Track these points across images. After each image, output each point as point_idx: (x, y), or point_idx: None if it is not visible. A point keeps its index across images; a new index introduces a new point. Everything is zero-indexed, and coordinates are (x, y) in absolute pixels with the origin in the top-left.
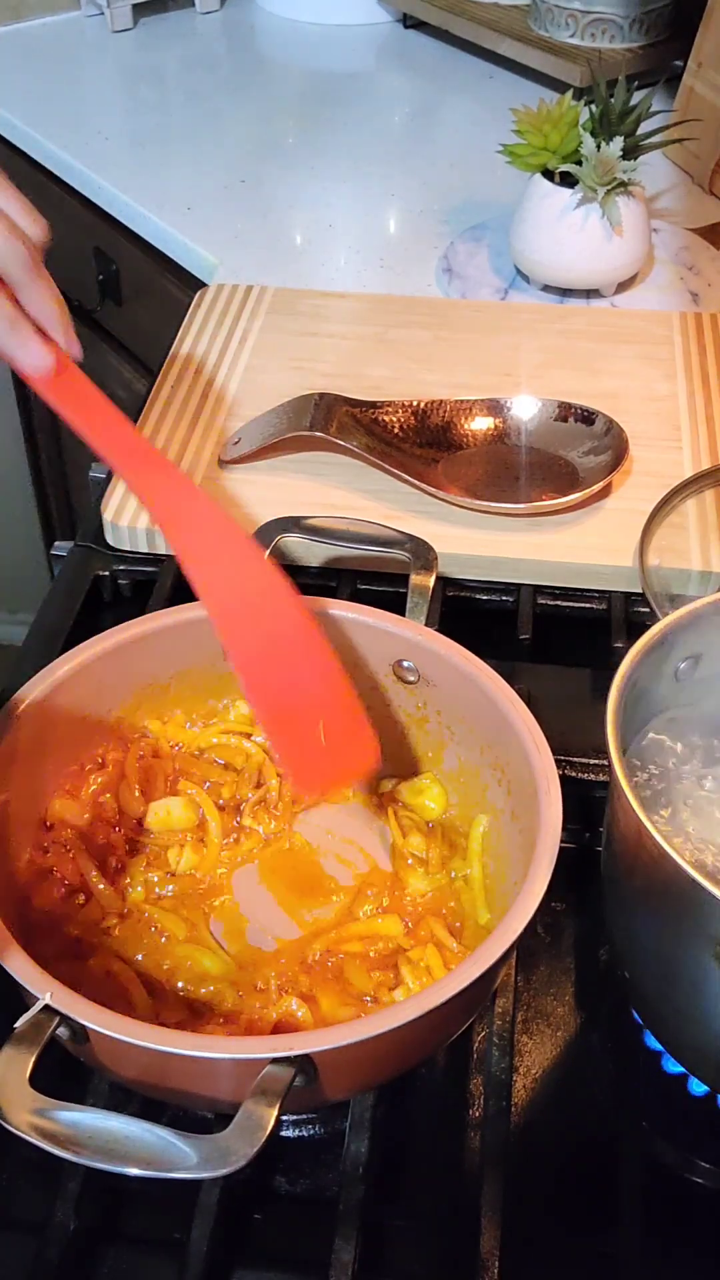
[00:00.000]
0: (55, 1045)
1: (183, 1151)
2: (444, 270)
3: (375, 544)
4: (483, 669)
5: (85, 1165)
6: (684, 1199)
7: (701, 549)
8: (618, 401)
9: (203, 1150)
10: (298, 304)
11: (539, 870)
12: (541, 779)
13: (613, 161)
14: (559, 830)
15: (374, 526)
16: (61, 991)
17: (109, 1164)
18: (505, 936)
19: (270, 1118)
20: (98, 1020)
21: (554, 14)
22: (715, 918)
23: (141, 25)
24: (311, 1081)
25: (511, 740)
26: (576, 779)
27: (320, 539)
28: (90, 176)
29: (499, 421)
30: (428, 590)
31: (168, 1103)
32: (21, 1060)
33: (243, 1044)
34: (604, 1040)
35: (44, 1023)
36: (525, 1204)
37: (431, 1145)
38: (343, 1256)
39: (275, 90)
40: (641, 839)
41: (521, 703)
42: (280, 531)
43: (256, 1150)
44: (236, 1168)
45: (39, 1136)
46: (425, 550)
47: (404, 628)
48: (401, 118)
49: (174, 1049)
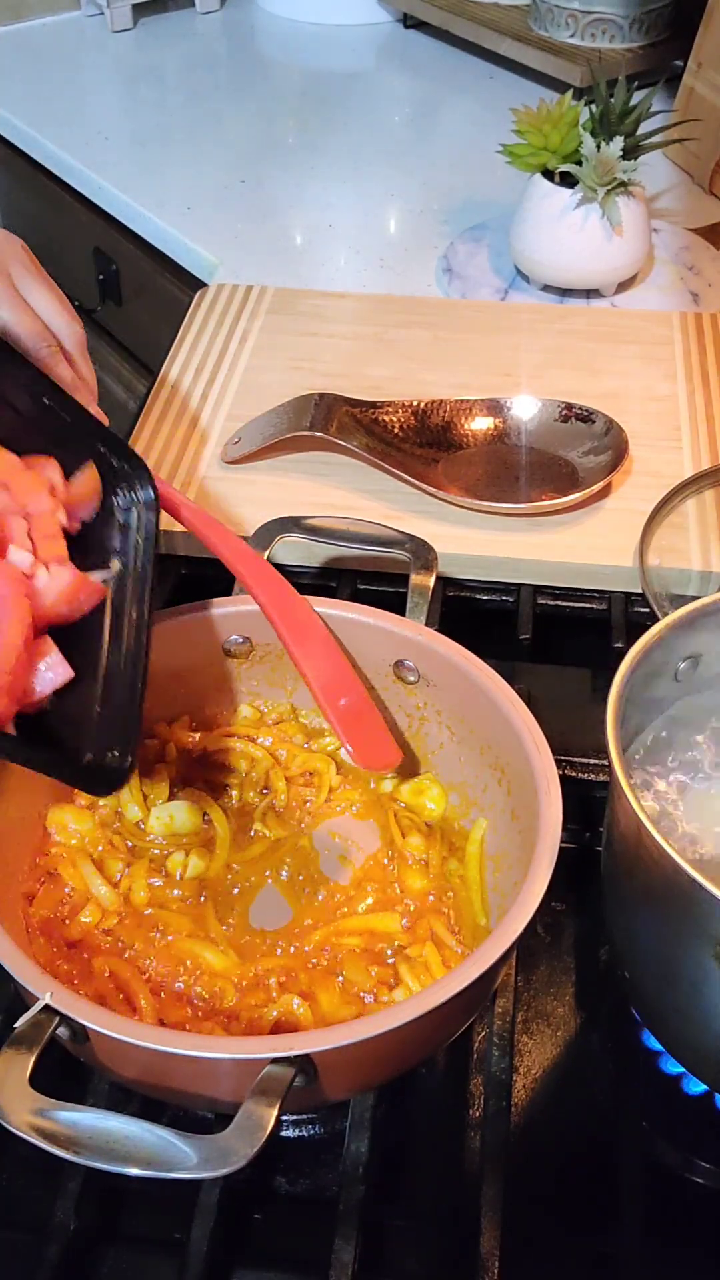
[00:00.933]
0: (55, 1045)
1: (183, 1151)
2: (444, 270)
3: (375, 544)
4: (483, 669)
5: (85, 1165)
6: (683, 1198)
7: (701, 549)
8: (618, 401)
9: (202, 1150)
10: (298, 304)
11: (539, 870)
12: (541, 779)
13: (613, 161)
14: (559, 831)
15: (374, 526)
16: (61, 991)
17: (109, 1164)
18: (505, 936)
19: (270, 1118)
20: (97, 1020)
21: (554, 14)
22: (715, 918)
23: (141, 25)
24: (311, 1081)
25: (511, 740)
26: (576, 779)
27: (320, 539)
28: (90, 176)
29: (499, 421)
30: (428, 590)
31: (168, 1103)
32: (21, 1060)
33: (243, 1044)
34: (604, 1040)
35: (44, 1023)
36: (525, 1204)
37: (431, 1145)
38: (343, 1256)
39: (275, 90)
40: (641, 839)
41: (521, 703)
42: (280, 531)
43: (256, 1150)
44: (236, 1168)
45: (39, 1137)
46: (425, 550)
47: (404, 628)
48: (402, 118)
49: (174, 1049)
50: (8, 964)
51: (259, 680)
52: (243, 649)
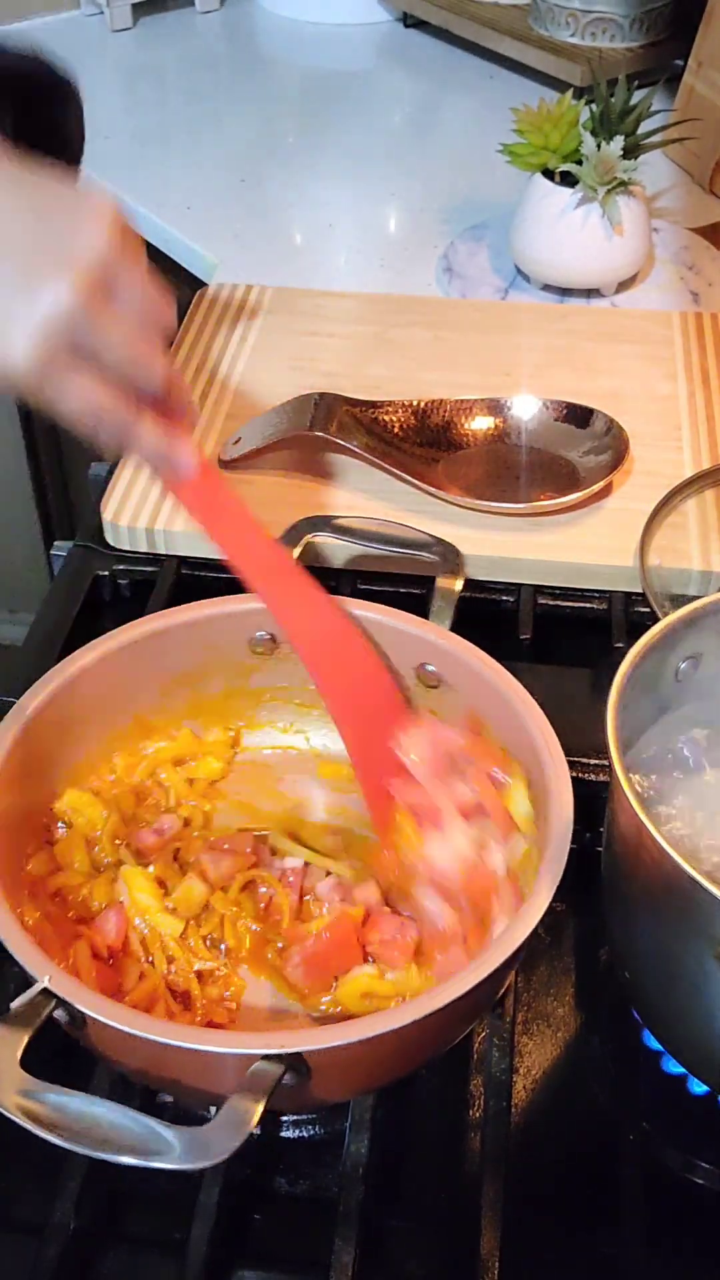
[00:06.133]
0: (61, 1031)
1: (166, 1142)
2: (444, 270)
3: (403, 546)
4: (504, 676)
5: (68, 1149)
6: (684, 1199)
7: (701, 549)
8: (618, 401)
9: (184, 1141)
10: (298, 304)
11: (542, 885)
12: (554, 789)
13: (613, 161)
14: (567, 842)
15: (402, 528)
16: (60, 975)
17: (92, 1149)
18: (507, 945)
19: (255, 1113)
20: (92, 1006)
21: (554, 13)
22: (715, 918)
23: (141, 24)
24: (303, 1080)
25: (527, 749)
26: (577, 779)
27: (349, 539)
28: (90, 176)
29: (499, 421)
30: (453, 594)
31: (167, 1094)
32: (14, 1040)
33: (233, 1039)
34: (604, 1041)
35: (40, 1005)
36: (525, 1204)
37: (431, 1145)
38: (343, 1257)
39: (275, 90)
40: (641, 839)
41: (540, 712)
42: (310, 531)
43: (238, 1145)
44: (217, 1161)
45: (24, 1117)
46: (453, 554)
47: (429, 631)
48: (402, 117)
49: (164, 1039)
50: (9, 944)
51: (285, 679)
52: (267, 645)
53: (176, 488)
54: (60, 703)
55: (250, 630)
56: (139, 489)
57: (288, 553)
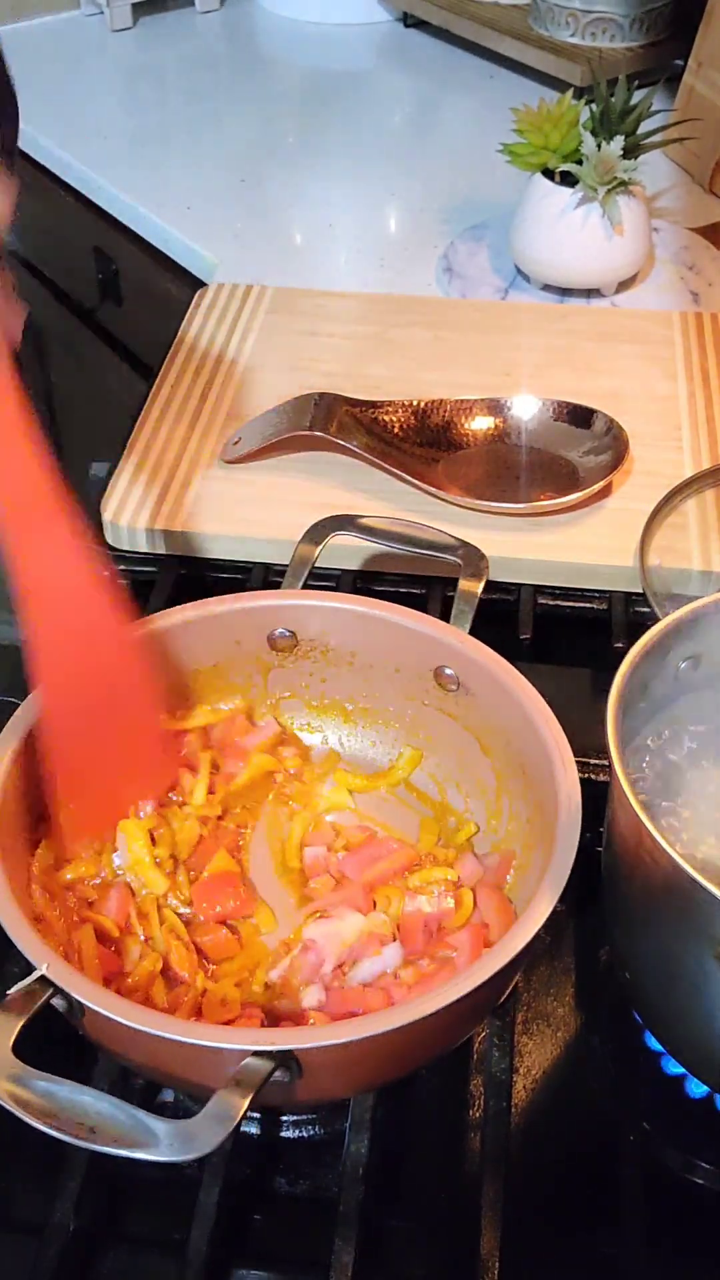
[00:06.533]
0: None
1: (150, 1133)
2: (444, 270)
3: (427, 548)
4: (521, 683)
5: (53, 1137)
6: (684, 1199)
7: (701, 549)
8: (618, 401)
9: (170, 1133)
10: (298, 303)
11: (545, 892)
12: (563, 797)
13: (613, 161)
14: (573, 851)
15: (426, 530)
16: (58, 964)
17: (78, 1138)
18: (508, 950)
19: (240, 1108)
20: (87, 994)
21: (554, 13)
22: (715, 918)
23: (141, 24)
24: (295, 1078)
25: (539, 756)
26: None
27: (373, 539)
28: (90, 175)
29: (499, 421)
30: (475, 597)
31: (165, 1086)
32: (8, 1026)
33: (225, 1033)
34: (604, 1041)
35: (37, 992)
36: (525, 1204)
37: (431, 1145)
38: (343, 1257)
39: (275, 90)
40: (641, 839)
41: (555, 720)
42: (335, 529)
43: (223, 1139)
44: (201, 1154)
45: (13, 1103)
46: (477, 557)
47: (448, 635)
48: (402, 117)
49: (155, 1030)
50: (10, 931)
51: (303, 676)
52: (287, 643)
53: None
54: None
55: (270, 626)
56: (139, 489)
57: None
